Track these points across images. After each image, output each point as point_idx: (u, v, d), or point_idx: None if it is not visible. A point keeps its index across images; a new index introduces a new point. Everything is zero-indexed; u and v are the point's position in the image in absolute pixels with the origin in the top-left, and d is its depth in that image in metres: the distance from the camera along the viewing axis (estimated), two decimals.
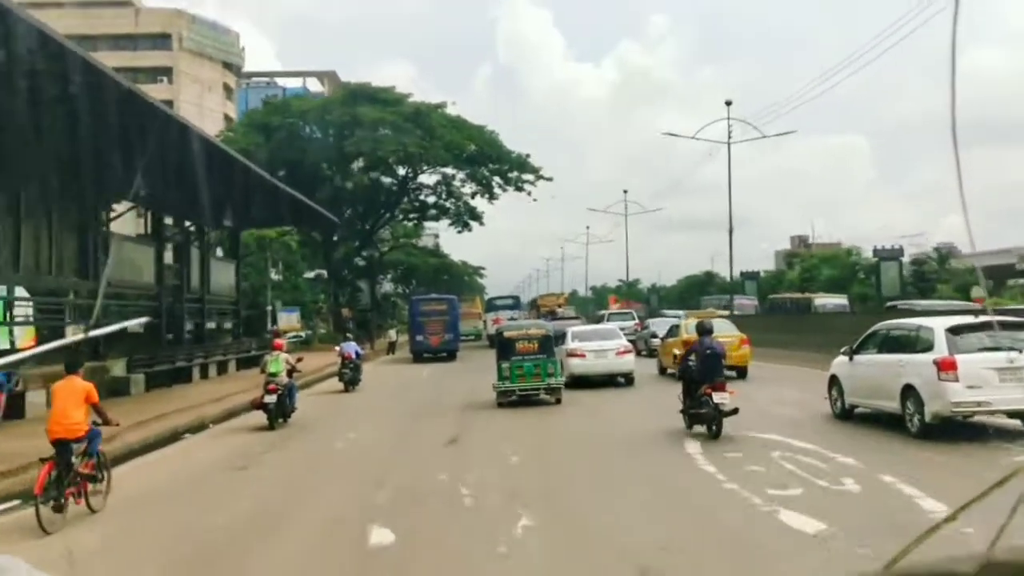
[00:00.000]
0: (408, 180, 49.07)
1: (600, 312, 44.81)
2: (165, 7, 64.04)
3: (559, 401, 15.76)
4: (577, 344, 18.70)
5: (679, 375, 12.45)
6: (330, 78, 75.27)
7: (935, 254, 59.15)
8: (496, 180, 47.09)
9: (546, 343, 16.04)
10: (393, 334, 42.23)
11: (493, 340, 21.26)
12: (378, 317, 54.97)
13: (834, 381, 12.27)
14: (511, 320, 31.57)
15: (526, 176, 47.02)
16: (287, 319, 40.85)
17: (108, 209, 27.11)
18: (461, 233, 50.91)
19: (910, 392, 10.17)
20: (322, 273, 50.95)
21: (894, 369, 10.63)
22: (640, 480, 8.82)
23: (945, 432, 9.90)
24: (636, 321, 34.14)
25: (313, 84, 76.65)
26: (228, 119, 62.25)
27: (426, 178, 49.02)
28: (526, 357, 15.77)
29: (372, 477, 9.36)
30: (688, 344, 12.75)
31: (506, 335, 16.43)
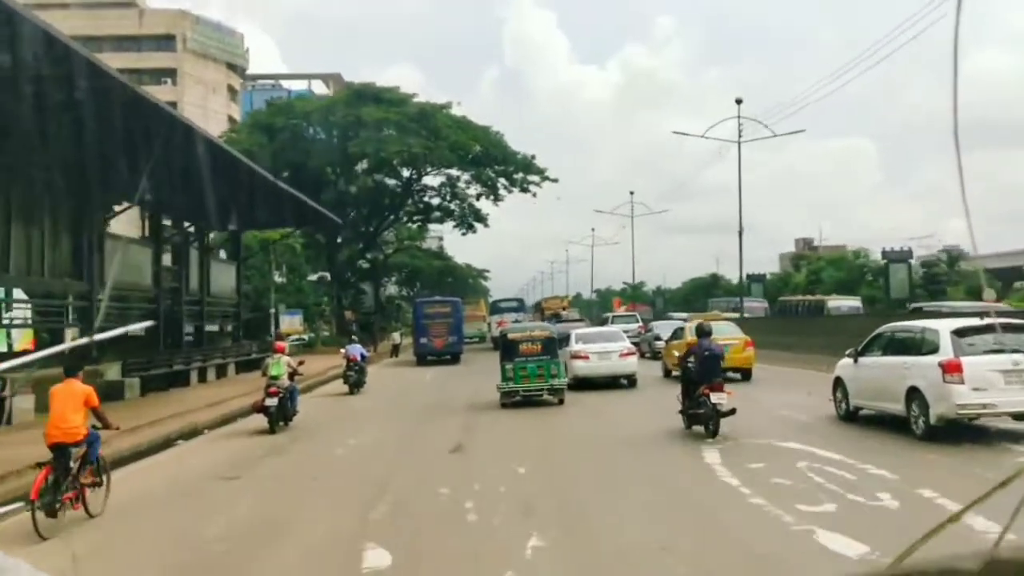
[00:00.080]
0: (412, 182, 48.57)
1: (604, 315, 44.43)
2: (169, 8, 63.83)
3: (562, 402, 15.77)
4: (581, 346, 18.72)
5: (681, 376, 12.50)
6: (335, 80, 74.95)
7: (944, 256, 58.46)
8: (501, 181, 46.58)
9: (549, 345, 16.11)
10: (397, 337, 41.80)
11: (497, 342, 21.27)
12: (382, 320, 54.49)
13: (839, 383, 12.14)
14: (515, 322, 31.35)
15: (531, 177, 46.52)
16: (289, 322, 40.40)
17: (109, 211, 26.76)
18: (466, 235, 50.48)
19: (915, 394, 10.07)
20: (325, 276, 50.46)
21: (899, 371, 10.52)
22: (659, 494, 8.22)
23: (951, 434, 9.75)
24: (640, 324, 34.15)
25: (318, 87, 76.30)
26: (232, 121, 61.83)
27: (431, 180, 48.63)
28: (529, 359, 15.85)
29: (370, 488, 8.78)
30: (691, 347, 12.82)
31: (510, 337, 16.56)
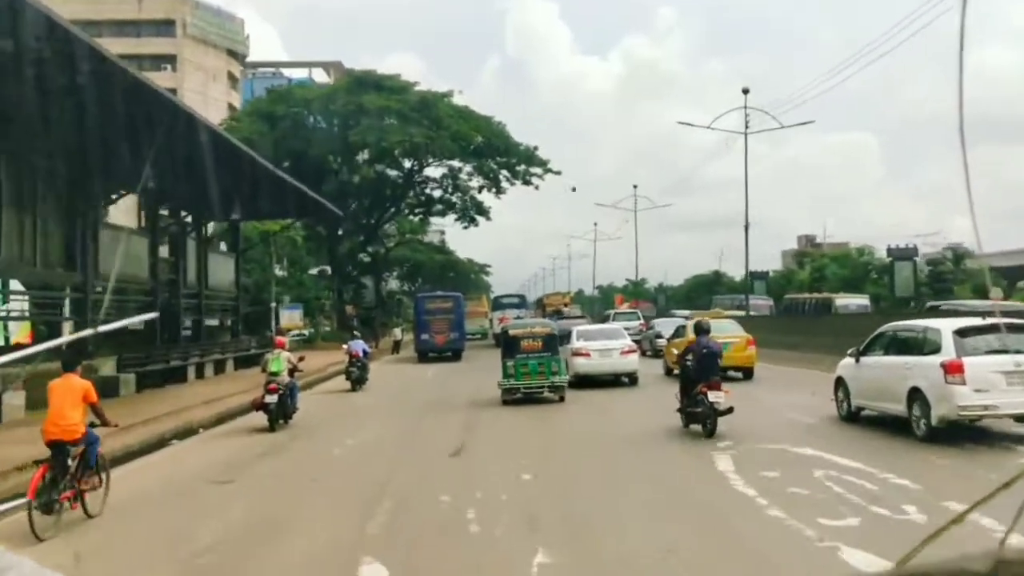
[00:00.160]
0: (414, 173, 48.07)
1: (606, 312, 44.23)
2: None
3: (562, 399, 15.80)
4: (582, 343, 18.73)
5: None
6: (336, 68, 74.34)
7: (950, 254, 58.00)
8: (504, 173, 46.10)
9: (550, 342, 16.17)
10: (398, 333, 41.38)
11: (499, 339, 21.17)
12: (383, 315, 54.08)
13: (840, 383, 12.00)
14: (517, 319, 31.16)
15: (534, 169, 46.02)
16: (289, 316, 39.99)
17: (106, 200, 26.31)
18: (467, 228, 50.03)
19: (917, 395, 9.96)
20: (325, 269, 50.03)
21: (900, 371, 10.42)
22: (670, 504, 7.82)
23: (953, 436, 9.60)
24: (641, 321, 34.07)
25: (319, 75, 75.76)
26: (232, 109, 61.27)
27: (432, 171, 48.13)
28: (531, 355, 15.91)
29: (368, 494, 8.40)
30: (689, 345, 12.86)
31: (511, 333, 16.69)
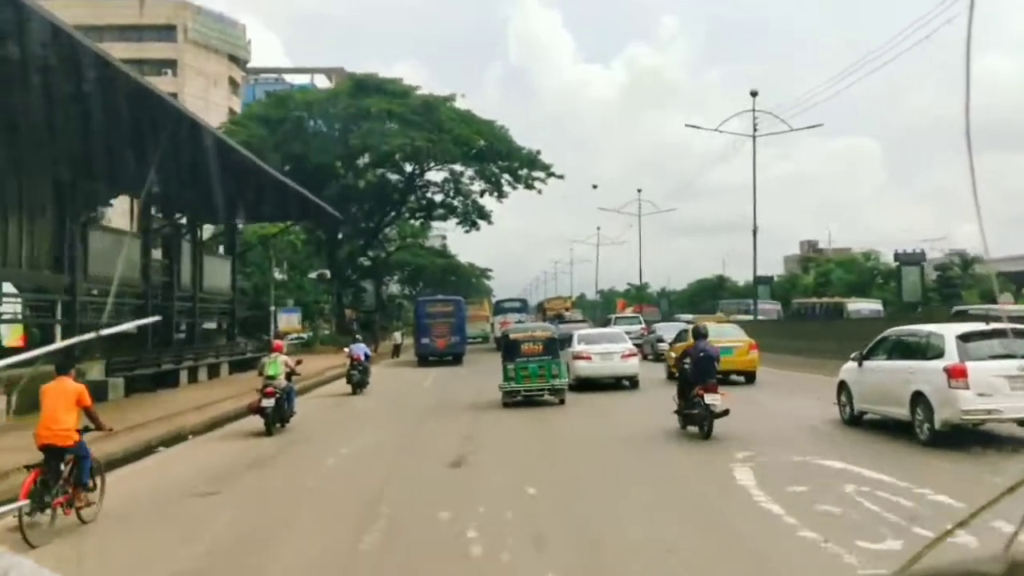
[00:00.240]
0: (415, 177, 47.52)
1: (607, 316, 43.86)
2: None
3: (562, 402, 15.93)
4: (583, 347, 18.80)
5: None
6: (338, 75, 73.85)
7: (957, 259, 57.46)
8: (506, 177, 45.53)
9: (551, 345, 16.26)
10: (398, 336, 40.91)
11: (500, 343, 20.84)
12: (383, 319, 53.51)
13: (843, 387, 12.04)
14: (518, 323, 30.96)
15: (536, 173, 45.43)
16: (287, 320, 39.42)
17: (103, 203, 25.82)
18: (469, 232, 49.42)
19: (920, 399, 9.96)
20: (324, 273, 49.44)
21: (904, 376, 10.41)
22: (690, 524, 7.14)
23: (958, 440, 9.57)
24: (642, 325, 34.22)
25: (321, 81, 75.33)
26: (233, 113, 60.82)
27: (434, 175, 47.57)
28: (531, 359, 15.99)
29: (362, 510, 7.77)
30: (687, 349, 13.09)
31: (512, 337, 16.80)
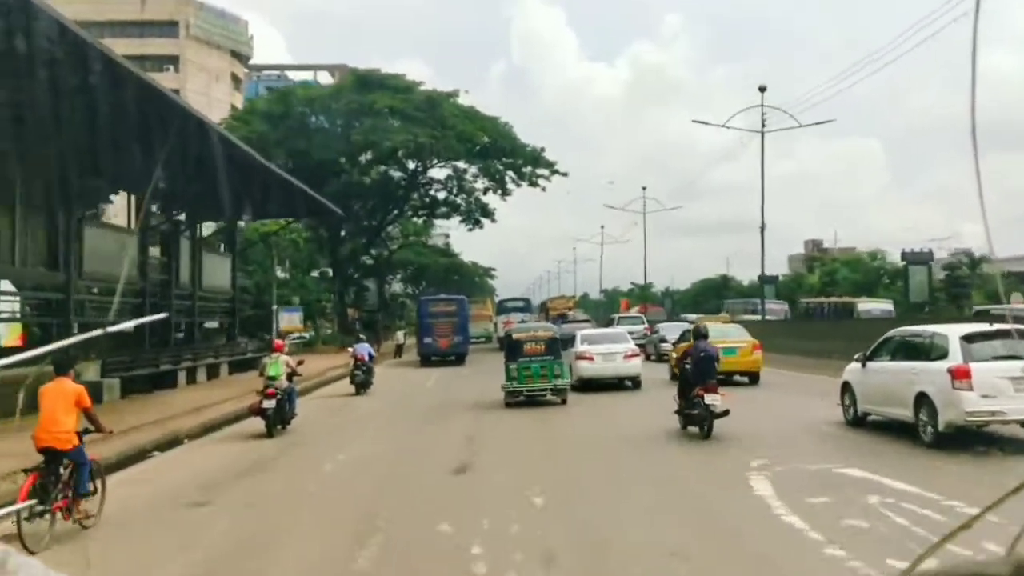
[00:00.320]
0: (418, 174, 47.09)
1: (610, 316, 43.65)
2: None
3: (564, 401, 15.99)
4: (586, 347, 18.81)
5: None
6: (341, 72, 73.44)
7: (966, 259, 56.98)
8: (509, 175, 45.08)
9: (553, 345, 16.31)
10: (401, 336, 40.57)
11: (503, 343, 20.52)
12: (386, 318, 53.13)
13: (847, 388, 12.02)
14: (521, 323, 30.76)
15: (540, 171, 44.97)
16: (289, 319, 39.04)
17: (104, 199, 25.43)
18: (472, 231, 48.96)
19: (923, 400, 9.96)
20: (326, 271, 49.04)
21: (907, 377, 10.40)
22: (710, 539, 6.69)
23: (961, 442, 9.57)
24: (645, 325, 34.22)
25: (324, 78, 74.98)
26: (235, 110, 60.49)
27: (437, 172, 47.12)
28: (533, 359, 16.03)
29: (358, 523, 7.37)
30: (687, 349, 13.15)
31: (514, 337, 16.81)
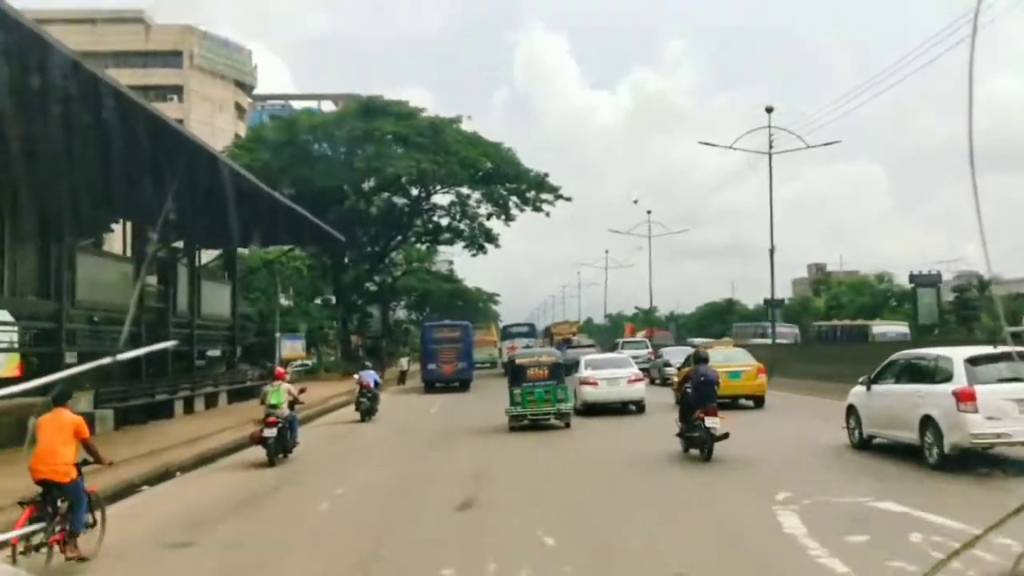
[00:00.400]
0: (422, 200, 46.84)
1: (615, 340, 43.42)
2: (176, 24, 62.83)
3: (568, 425, 16.22)
4: (590, 372, 18.92)
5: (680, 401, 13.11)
6: (345, 101, 73.71)
7: (975, 280, 56.47)
8: (513, 200, 44.79)
9: (556, 370, 16.52)
10: (404, 363, 40.03)
11: (507, 368, 20.78)
12: (390, 344, 52.61)
13: (852, 411, 12.08)
14: (526, 348, 30.53)
15: (544, 195, 44.71)
16: (291, 347, 38.52)
17: (104, 228, 25.04)
18: (476, 256, 48.53)
19: (929, 423, 10.01)
20: (329, 298, 48.61)
21: (912, 399, 10.45)
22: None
23: (965, 463, 9.59)
24: (649, 350, 34.61)
25: (328, 107, 75.17)
26: (239, 139, 60.58)
27: (440, 198, 46.87)
28: (537, 383, 16.23)
29: (352, 568, 6.79)
30: (688, 374, 13.21)
31: (518, 362, 17.05)
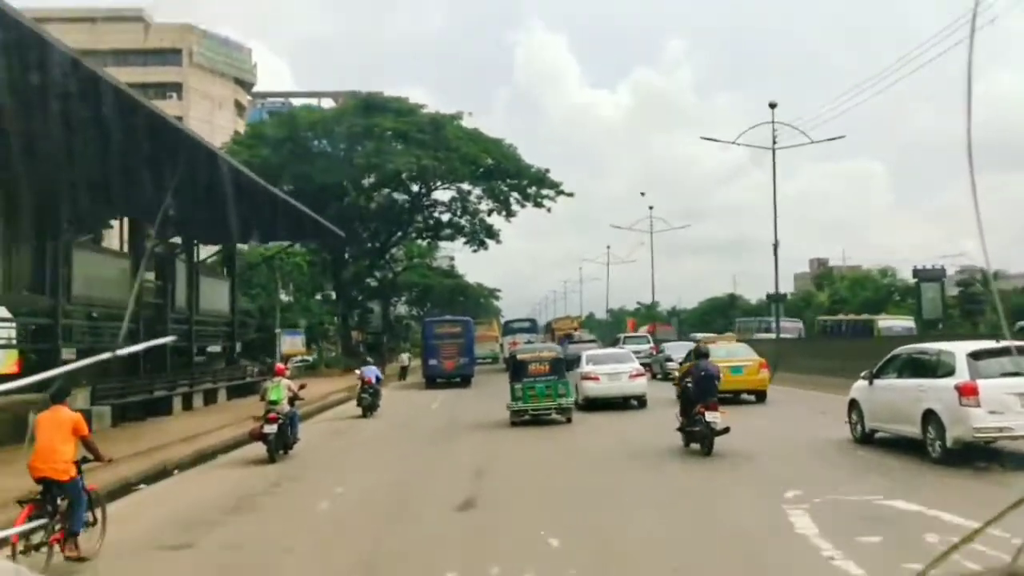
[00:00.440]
0: (422, 196, 46.63)
1: (616, 336, 43.30)
2: (176, 22, 62.60)
3: (569, 420, 16.26)
4: (591, 367, 18.99)
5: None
6: (344, 98, 73.46)
7: (979, 275, 56.25)
8: (514, 196, 44.55)
9: (557, 365, 16.57)
10: (405, 358, 39.90)
11: (509, 363, 20.87)
12: (391, 340, 52.47)
13: (854, 405, 12.13)
14: (527, 343, 30.40)
15: (545, 191, 44.45)
16: (291, 342, 38.36)
17: (104, 224, 24.86)
18: (477, 252, 48.34)
19: (931, 417, 10.07)
20: (329, 294, 48.43)
21: (915, 394, 10.50)
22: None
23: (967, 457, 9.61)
24: (651, 344, 34.52)
25: (328, 104, 74.86)
26: (238, 135, 60.33)
27: (441, 194, 46.67)
28: (538, 378, 16.30)
29: (352, 570, 6.59)
30: (689, 368, 13.23)
31: (519, 357, 17.16)
